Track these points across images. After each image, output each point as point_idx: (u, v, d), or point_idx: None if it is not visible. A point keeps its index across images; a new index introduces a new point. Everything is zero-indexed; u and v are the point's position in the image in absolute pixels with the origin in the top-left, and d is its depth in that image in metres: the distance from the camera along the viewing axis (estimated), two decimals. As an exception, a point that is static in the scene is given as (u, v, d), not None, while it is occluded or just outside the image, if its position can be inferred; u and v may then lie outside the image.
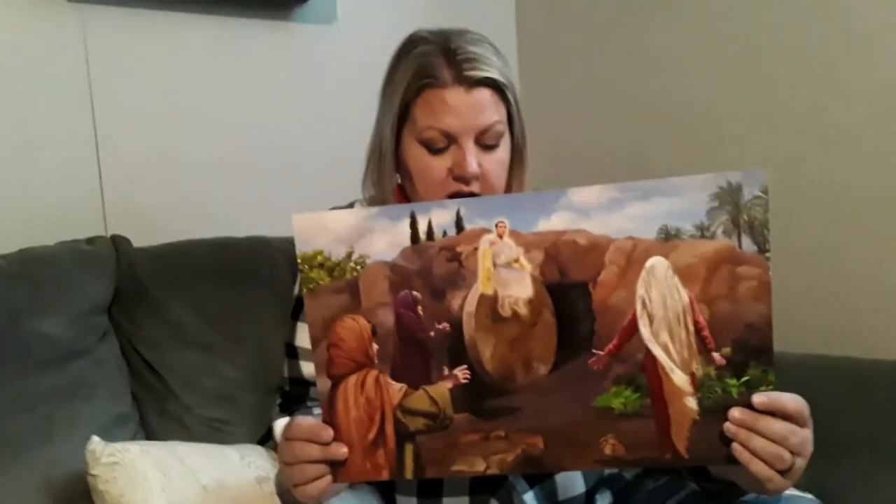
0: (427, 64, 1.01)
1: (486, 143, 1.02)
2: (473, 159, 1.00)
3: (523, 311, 0.80)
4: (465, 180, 1.00)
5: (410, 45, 1.05)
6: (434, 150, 1.02)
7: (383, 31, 1.11)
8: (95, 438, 1.14)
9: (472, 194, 1.00)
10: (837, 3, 1.47)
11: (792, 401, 0.80)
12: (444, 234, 0.80)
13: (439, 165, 1.01)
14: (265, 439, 1.27)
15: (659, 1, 1.76)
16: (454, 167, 1.01)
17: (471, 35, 1.04)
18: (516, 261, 0.79)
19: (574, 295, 0.80)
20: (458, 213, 0.79)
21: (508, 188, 1.09)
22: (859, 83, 1.46)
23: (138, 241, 1.37)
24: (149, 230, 1.42)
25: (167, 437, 1.27)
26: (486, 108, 1.01)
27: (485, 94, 1.01)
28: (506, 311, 0.80)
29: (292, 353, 1.15)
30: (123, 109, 1.50)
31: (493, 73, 1.01)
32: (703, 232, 0.77)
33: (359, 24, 1.76)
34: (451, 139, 1.01)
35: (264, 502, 1.17)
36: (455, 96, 1.00)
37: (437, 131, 1.01)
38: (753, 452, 0.78)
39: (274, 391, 1.22)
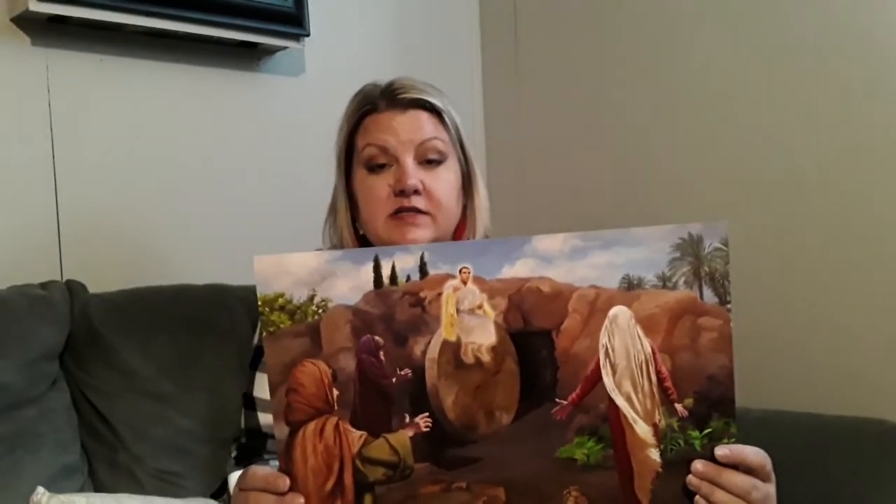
0: (365, 98, 1.08)
1: (426, 157, 1.04)
2: (412, 171, 1.02)
3: (486, 358, 0.80)
4: (406, 194, 1.01)
5: (356, 93, 1.10)
6: (375, 170, 1.05)
7: (350, 84, 1.12)
8: (40, 489, 1.08)
9: (415, 210, 1.02)
10: (797, 61, 1.52)
11: (754, 454, 0.80)
12: (408, 278, 0.79)
13: (381, 184, 1.04)
14: (219, 493, 1.23)
15: (620, 60, 1.81)
16: (395, 183, 1.02)
17: (416, 78, 1.09)
18: (480, 307, 0.79)
19: (537, 343, 0.80)
20: (421, 258, 0.79)
21: (463, 219, 1.10)
22: (818, 138, 1.50)
23: (96, 288, 1.34)
24: (107, 277, 1.38)
25: (116, 489, 1.22)
26: (422, 126, 1.05)
27: (421, 114, 1.05)
28: (469, 359, 0.80)
29: (250, 404, 1.12)
30: (85, 156, 1.48)
31: (427, 97, 1.05)
32: (664, 282, 0.78)
33: (326, 77, 1.77)
34: (391, 157, 1.03)
35: (216, 559, 1.13)
36: (390, 117, 1.05)
37: (374, 147, 1.04)
38: (716, 506, 0.78)
39: (229, 443, 1.19)
